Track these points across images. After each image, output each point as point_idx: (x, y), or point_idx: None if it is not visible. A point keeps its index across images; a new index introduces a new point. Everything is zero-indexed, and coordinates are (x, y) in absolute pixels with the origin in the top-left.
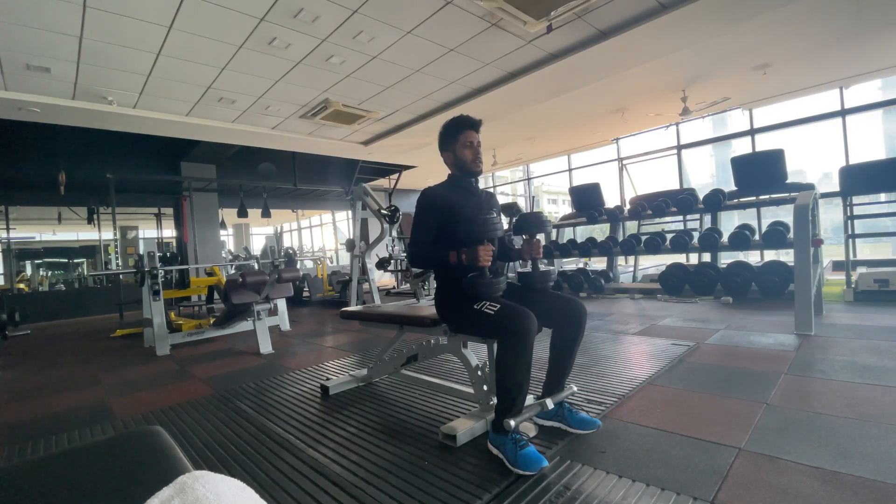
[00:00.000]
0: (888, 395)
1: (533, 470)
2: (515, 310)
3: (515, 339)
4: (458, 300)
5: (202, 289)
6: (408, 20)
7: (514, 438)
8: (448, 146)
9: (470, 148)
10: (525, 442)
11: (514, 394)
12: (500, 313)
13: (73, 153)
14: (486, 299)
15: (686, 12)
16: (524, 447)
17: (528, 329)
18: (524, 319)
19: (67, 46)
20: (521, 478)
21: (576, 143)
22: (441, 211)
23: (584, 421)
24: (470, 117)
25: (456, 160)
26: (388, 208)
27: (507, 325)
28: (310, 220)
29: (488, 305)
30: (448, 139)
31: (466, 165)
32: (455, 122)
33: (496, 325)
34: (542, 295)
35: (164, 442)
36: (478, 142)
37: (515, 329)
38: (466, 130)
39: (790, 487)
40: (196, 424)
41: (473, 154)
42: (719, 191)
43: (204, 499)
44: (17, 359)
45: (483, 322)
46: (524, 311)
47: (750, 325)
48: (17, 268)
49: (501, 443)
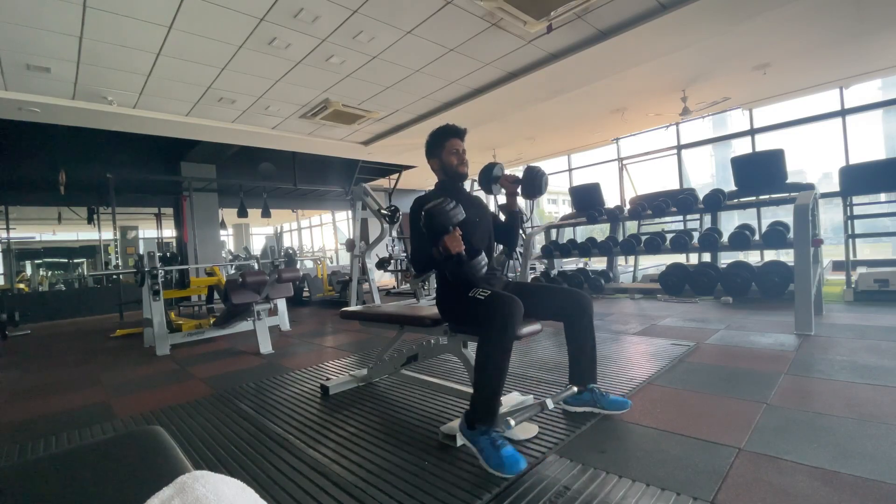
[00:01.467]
0: (888, 395)
1: (510, 473)
2: (503, 295)
3: (499, 322)
4: (455, 293)
5: (202, 289)
6: (408, 20)
7: (492, 438)
8: (435, 153)
9: (455, 154)
10: (503, 441)
11: (492, 383)
12: (490, 297)
13: (73, 153)
14: (477, 286)
15: (686, 12)
16: (502, 447)
17: (511, 312)
18: (509, 303)
19: (67, 46)
20: (521, 478)
21: (576, 143)
22: None
23: (616, 402)
24: (455, 126)
25: (443, 165)
26: (388, 208)
27: (495, 307)
28: (310, 220)
29: (480, 292)
30: (435, 147)
31: (453, 170)
32: (441, 131)
33: (486, 308)
34: (548, 289)
35: (164, 442)
36: (463, 149)
37: (500, 312)
38: (452, 138)
39: (790, 487)
40: (196, 424)
41: (459, 159)
42: (719, 191)
43: (204, 499)
44: (17, 359)
45: (475, 306)
46: (510, 297)
47: (750, 325)
48: (17, 268)
49: (475, 439)
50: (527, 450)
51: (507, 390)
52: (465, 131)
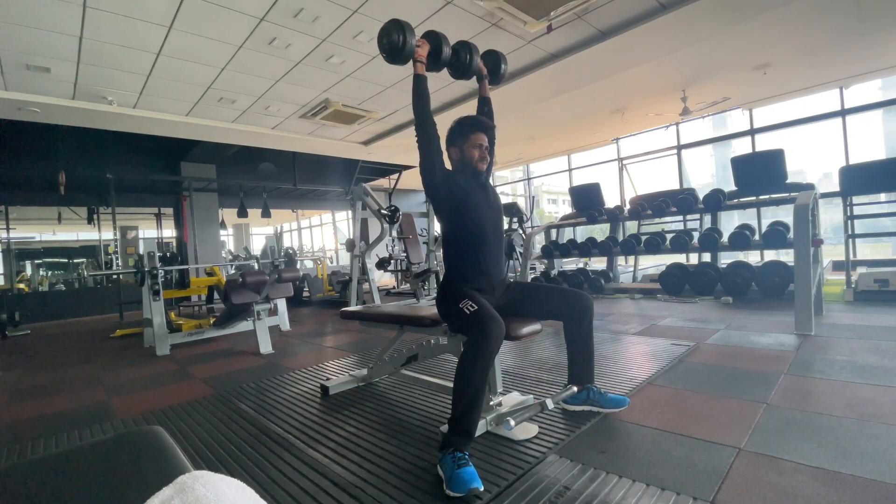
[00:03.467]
0: (888, 395)
1: (460, 492)
2: (486, 314)
3: (478, 339)
4: (449, 298)
5: (202, 289)
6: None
7: (456, 456)
8: (457, 143)
9: (478, 149)
10: (466, 461)
11: (464, 398)
12: (474, 313)
13: (73, 153)
14: (471, 297)
15: (686, 12)
16: (463, 466)
17: (491, 331)
18: (491, 323)
19: (67, 46)
20: (521, 478)
21: (576, 143)
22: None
23: (615, 400)
24: (485, 120)
25: (462, 157)
26: (388, 208)
27: (476, 324)
28: (310, 220)
29: (469, 305)
30: (458, 136)
31: (472, 164)
32: (469, 122)
33: (469, 324)
34: (549, 290)
35: (164, 442)
36: (486, 145)
37: (481, 330)
38: (479, 132)
39: (790, 487)
40: (196, 424)
41: (480, 154)
42: (719, 191)
43: (204, 499)
44: (17, 359)
45: (461, 319)
46: (492, 317)
47: (750, 325)
48: (17, 268)
49: (442, 459)
50: (527, 450)
51: (506, 390)
52: (493, 128)
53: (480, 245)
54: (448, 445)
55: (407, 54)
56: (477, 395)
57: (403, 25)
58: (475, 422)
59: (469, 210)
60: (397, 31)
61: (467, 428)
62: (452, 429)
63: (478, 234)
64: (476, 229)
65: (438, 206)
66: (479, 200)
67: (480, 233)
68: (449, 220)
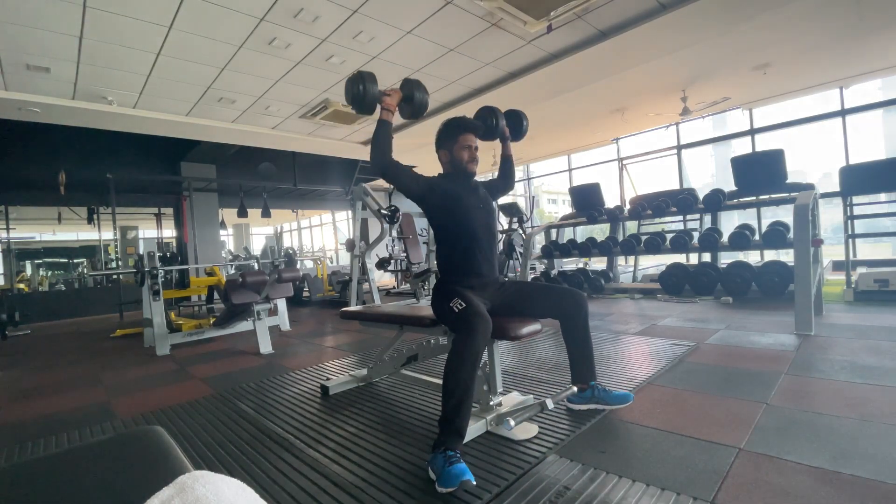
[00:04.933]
0: (888, 395)
1: (451, 486)
2: (475, 311)
3: (465, 337)
4: (441, 296)
5: (202, 289)
6: (408, 20)
7: (447, 455)
8: (446, 145)
9: (468, 150)
10: (457, 458)
11: (453, 397)
12: (462, 311)
13: (73, 153)
14: (461, 295)
15: (686, 12)
16: (454, 463)
17: (477, 328)
18: (478, 320)
19: (67, 46)
20: (521, 478)
21: (576, 143)
22: (434, 191)
23: (619, 396)
24: (473, 121)
25: (452, 159)
26: (388, 208)
27: (463, 321)
28: (310, 220)
29: (458, 303)
30: (447, 138)
31: (462, 165)
32: (457, 123)
33: (457, 322)
34: (544, 289)
35: (164, 442)
36: (476, 146)
37: (467, 327)
38: (467, 133)
39: (790, 487)
40: (196, 424)
41: (470, 156)
42: (719, 191)
43: (204, 499)
44: (17, 359)
45: (450, 317)
46: (482, 314)
47: (750, 325)
48: (17, 268)
49: (433, 459)
50: (527, 450)
51: (507, 390)
52: (482, 127)
53: (472, 245)
54: (439, 445)
55: (369, 102)
56: (466, 394)
57: (364, 76)
58: (465, 420)
59: (459, 212)
60: (358, 83)
61: (458, 427)
62: (443, 428)
63: (469, 235)
64: (467, 230)
65: (427, 213)
66: (470, 202)
67: (472, 233)
68: (439, 224)
